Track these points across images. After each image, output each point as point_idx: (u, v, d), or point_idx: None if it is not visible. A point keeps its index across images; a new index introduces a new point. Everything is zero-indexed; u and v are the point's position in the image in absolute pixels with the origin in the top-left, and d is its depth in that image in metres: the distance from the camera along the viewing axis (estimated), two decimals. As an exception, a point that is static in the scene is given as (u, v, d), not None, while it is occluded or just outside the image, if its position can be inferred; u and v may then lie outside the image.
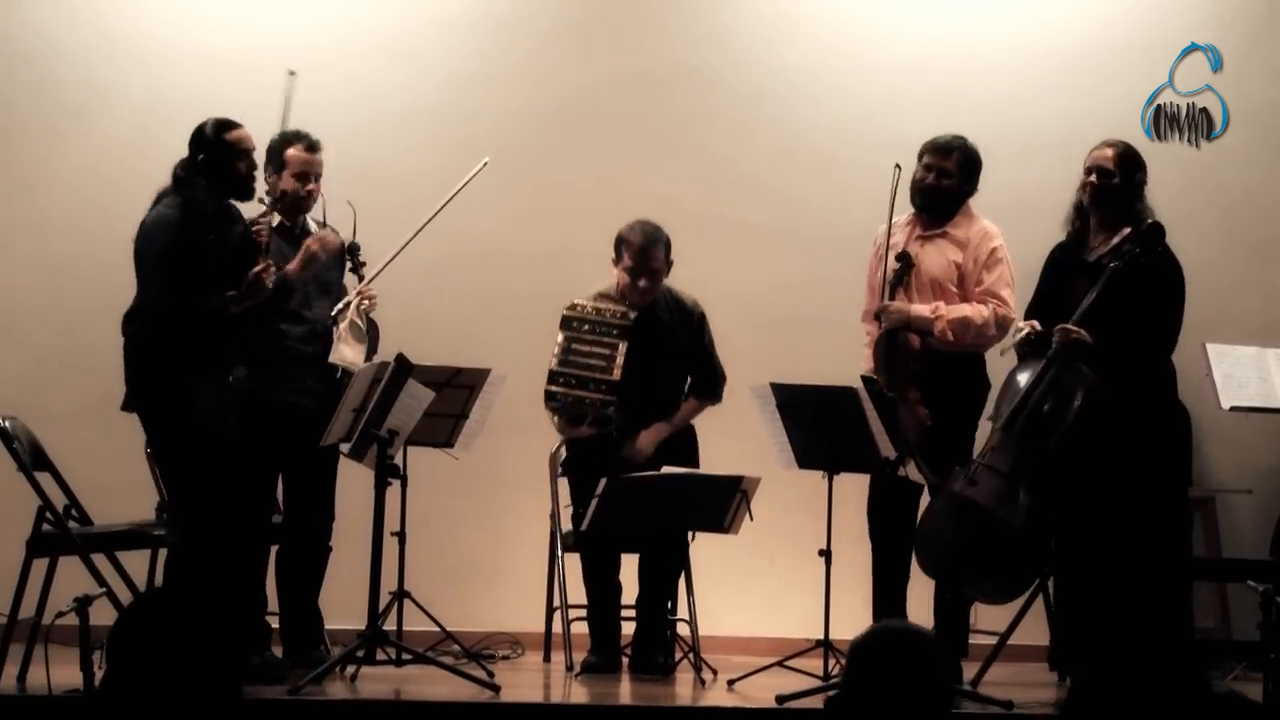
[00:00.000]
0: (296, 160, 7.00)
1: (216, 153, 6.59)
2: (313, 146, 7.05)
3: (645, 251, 7.09)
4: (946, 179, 6.98)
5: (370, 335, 7.01)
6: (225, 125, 6.66)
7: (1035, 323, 6.59)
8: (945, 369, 6.89)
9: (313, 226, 7.14)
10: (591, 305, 7.07)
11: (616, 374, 6.99)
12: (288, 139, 7.01)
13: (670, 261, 7.17)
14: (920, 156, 7.04)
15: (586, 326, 7.05)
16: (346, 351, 6.89)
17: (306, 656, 6.83)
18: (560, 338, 7.05)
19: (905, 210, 7.04)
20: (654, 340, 7.15)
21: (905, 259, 6.91)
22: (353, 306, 6.95)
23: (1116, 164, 6.63)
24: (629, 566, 7.25)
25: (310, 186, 7.03)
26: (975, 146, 7.05)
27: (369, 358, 6.89)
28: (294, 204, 7.02)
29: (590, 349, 7.04)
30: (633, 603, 7.23)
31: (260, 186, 6.79)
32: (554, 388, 7.05)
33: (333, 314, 6.94)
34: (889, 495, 6.86)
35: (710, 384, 7.28)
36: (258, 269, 6.57)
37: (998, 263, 7.03)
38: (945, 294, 6.98)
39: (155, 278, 6.51)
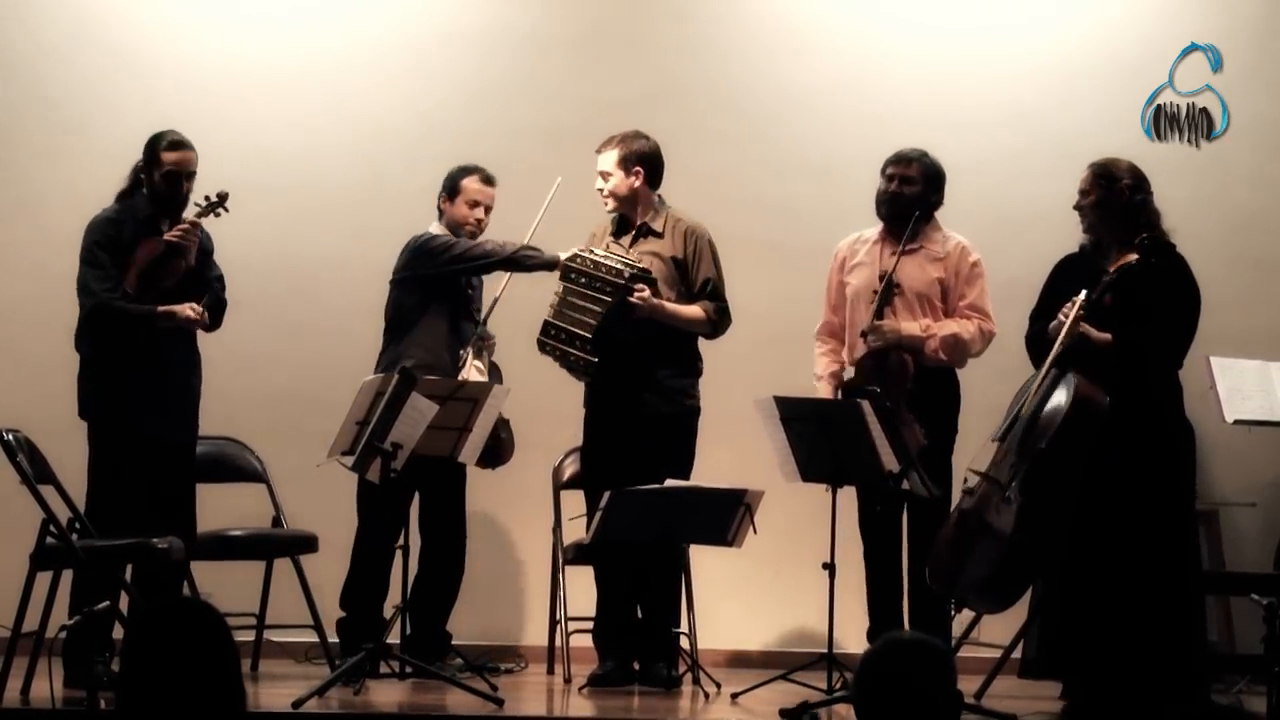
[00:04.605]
0: (471, 190, 7.33)
1: (147, 161, 6.97)
2: (489, 180, 7.36)
3: (599, 155, 7.22)
4: (909, 185, 7.06)
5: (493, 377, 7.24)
6: (160, 138, 6.98)
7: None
8: (923, 384, 6.94)
9: None
10: (591, 259, 7.08)
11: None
12: (466, 170, 7.35)
13: (637, 170, 7.16)
14: (883, 170, 7.13)
15: (584, 280, 7.06)
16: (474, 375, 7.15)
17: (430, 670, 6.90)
18: (559, 287, 7.09)
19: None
20: (647, 245, 7.20)
21: (890, 279, 6.94)
22: (471, 351, 7.16)
23: (1090, 181, 6.62)
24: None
25: (480, 216, 7.33)
26: (938, 160, 7.11)
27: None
28: (459, 232, 7.32)
29: (583, 304, 7.04)
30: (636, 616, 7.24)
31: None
32: (545, 339, 7.09)
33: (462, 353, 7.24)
34: (880, 508, 6.87)
35: (714, 302, 7.21)
36: (194, 315, 6.89)
37: (979, 277, 7.11)
38: (931, 309, 7.03)
39: (80, 270, 6.91)
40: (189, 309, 6.89)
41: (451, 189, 7.37)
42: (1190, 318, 6.56)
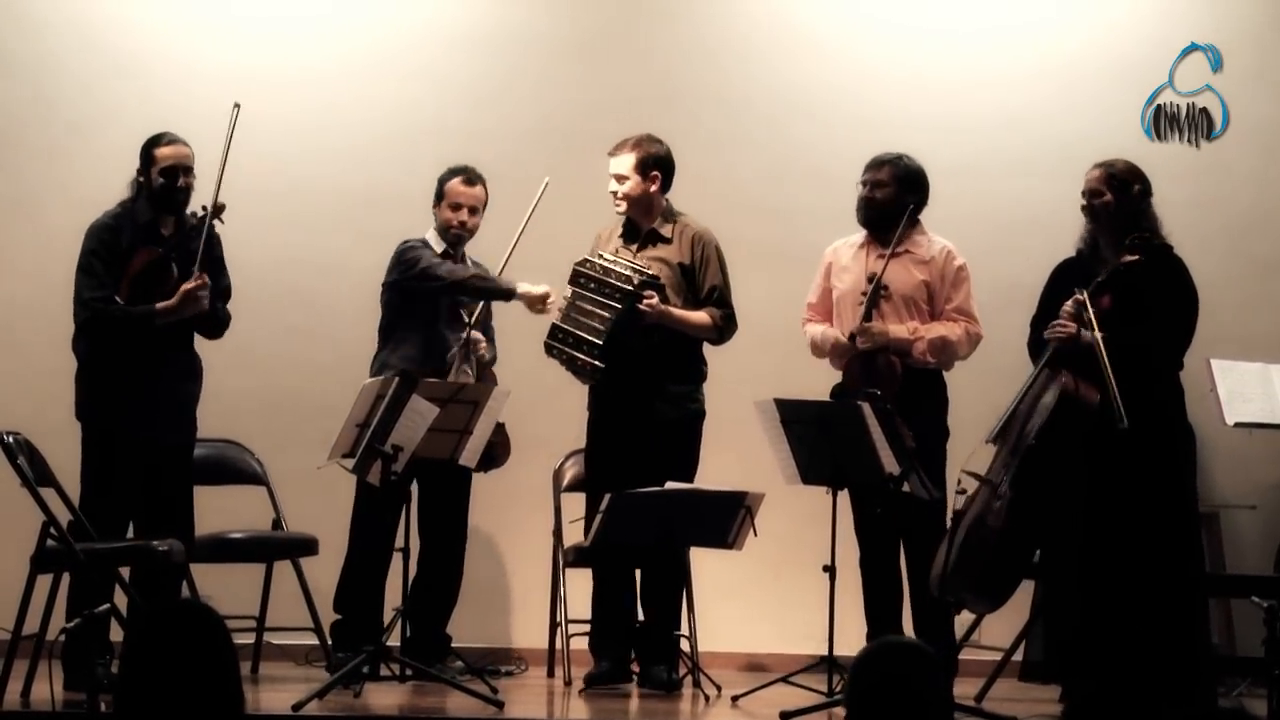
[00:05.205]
0: (453, 192, 7.32)
1: (143, 164, 6.96)
2: (471, 180, 7.34)
3: (612, 158, 7.20)
4: (880, 189, 7.08)
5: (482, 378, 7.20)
6: (156, 139, 7.00)
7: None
8: (911, 386, 6.95)
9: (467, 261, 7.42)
10: (601, 264, 7.08)
11: (604, 340, 6.98)
12: (452, 172, 7.36)
13: (654, 174, 7.16)
14: (861, 176, 7.16)
15: (593, 285, 7.05)
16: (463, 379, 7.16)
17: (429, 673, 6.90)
18: (568, 291, 7.08)
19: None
20: (655, 251, 7.20)
21: (878, 282, 6.94)
22: (459, 354, 7.15)
23: (1104, 183, 6.62)
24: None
25: (463, 218, 7.30)
26: (915, 163, 7.10)
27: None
28: (446, 235, 7.35)
29: (591, 308, 7.03)
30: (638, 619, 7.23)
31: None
32: (553, 343, 7.08)
33: (448, 357, 7.23)
34: (880, 510, 6.87)
35: (721, 309, 7.21)
36: (190, 285, 6.80)
37: (964, 281, 7.14)
38: (917, 312, 7.05)
39: (76, 278, 6.89)
40: (188, 284, 6.84)
41: (438, 193, 7.39)
42: (1188, 318, 6.56)
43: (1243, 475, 8.04)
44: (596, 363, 7.00)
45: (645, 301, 7.00)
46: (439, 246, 7.39)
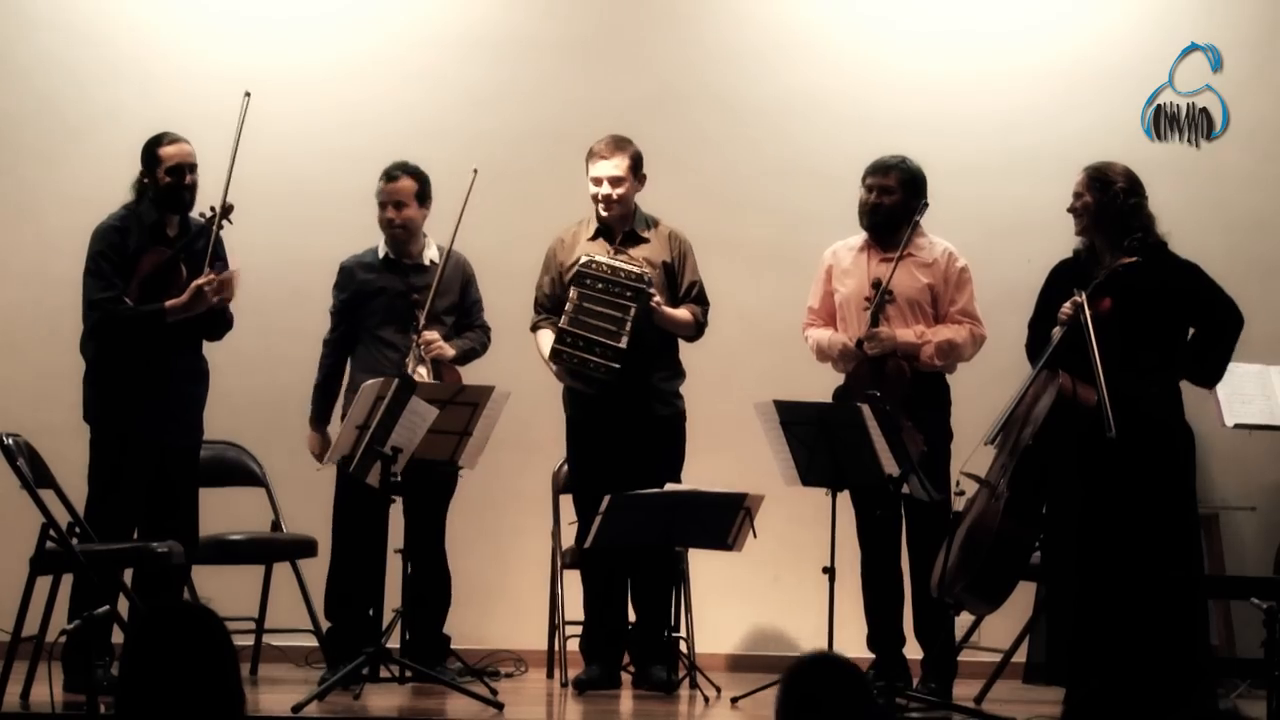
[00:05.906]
0: (379, 193, 7.32)
1: (147, 165, 6.97)
2: (390, 175, 7.31)
3: (606, 161, 7.16)
4: (888, 196, 7.05)
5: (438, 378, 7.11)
6: (158, 139, 7.01)
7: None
8: (915, 389, 6.96)
9: (433, 254, 7.34)
10: (608, 265, 7.05)
11: (624, 342, 6.96)
12: (380, 175, 7.31)
13: (643, 176, 7.18)
14: (863, 180, 7.11)
15: (600, 285, 7.02)
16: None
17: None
18: (573, 294, 7.02)
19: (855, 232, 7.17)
20: (638, 251, 7.19)
21: (884, 287, 6.94)
22: (412, 358, 7.09)
23: (1084, 184, 6.62)
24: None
25: (391, 215, 7.26)
26: (917, 166, 7.09)
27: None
28: (388, 236, 7.31)
29: (601, 310, 7.00)
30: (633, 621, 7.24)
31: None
32: (562, 348, 7.01)
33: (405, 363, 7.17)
34: (880, 513, 6.86)
35: (700, 305, 7.22)
36: (201, 280, 6.80)
37: (967, 283, 7.13)
38: (922, 315, 7.04)
39: (84, 281, 6.90)
40: (199, 279, 6.85)
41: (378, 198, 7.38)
42: (1218, 287, 6.60)
43: (1242, 477, 8.04)
44: (613, 364, 6.97)
45: (654, 299, 7.01)
46: (381, 252, 7.35)
